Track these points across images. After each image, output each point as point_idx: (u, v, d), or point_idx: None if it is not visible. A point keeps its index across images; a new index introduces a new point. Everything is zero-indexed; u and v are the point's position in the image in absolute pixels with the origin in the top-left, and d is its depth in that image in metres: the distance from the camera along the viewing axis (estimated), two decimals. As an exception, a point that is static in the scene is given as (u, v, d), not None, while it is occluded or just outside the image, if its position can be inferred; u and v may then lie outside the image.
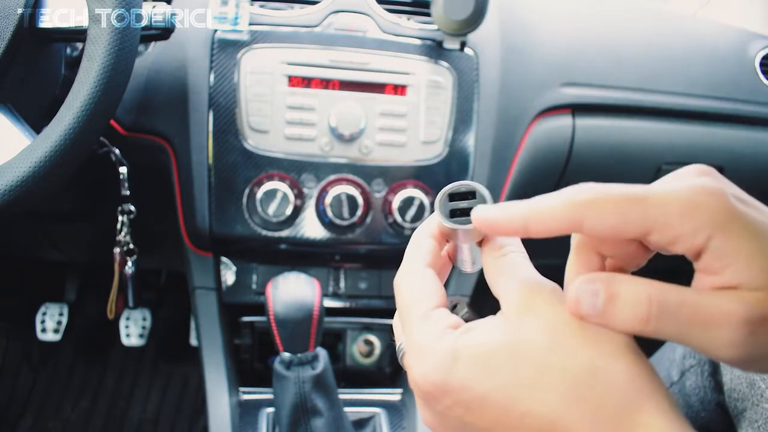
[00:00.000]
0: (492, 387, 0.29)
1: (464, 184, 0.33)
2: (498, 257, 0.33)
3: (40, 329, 1.36)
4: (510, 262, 0.33)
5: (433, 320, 0.32)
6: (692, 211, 0.27)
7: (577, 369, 0.28)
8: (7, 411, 1.31)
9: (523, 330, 0.29)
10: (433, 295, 0.33)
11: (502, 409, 0.29)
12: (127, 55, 0.58)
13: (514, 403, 0.28)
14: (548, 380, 0.28)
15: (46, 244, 1.14)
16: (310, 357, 0.73)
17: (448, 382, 0.30)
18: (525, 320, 0.30)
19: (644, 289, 0.27)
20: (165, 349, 1.41)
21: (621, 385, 0.28)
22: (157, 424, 1.33)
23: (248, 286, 0.87)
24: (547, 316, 0.30)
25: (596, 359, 0.28)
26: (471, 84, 0.82)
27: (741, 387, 0.63)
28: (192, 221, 0.81)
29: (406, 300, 0.33)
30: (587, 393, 0.28)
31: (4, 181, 0.54)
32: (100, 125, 0.58)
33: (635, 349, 0.29)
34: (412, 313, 0.33)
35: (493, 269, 0.33)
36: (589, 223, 0.28)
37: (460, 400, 0.30)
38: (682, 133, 0.92)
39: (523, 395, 0.28)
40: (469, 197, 0.33)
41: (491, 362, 0.29)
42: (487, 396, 0.29)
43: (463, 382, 0.29)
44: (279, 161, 0.79)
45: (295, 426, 0.72)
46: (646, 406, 0.27)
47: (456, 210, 0.33)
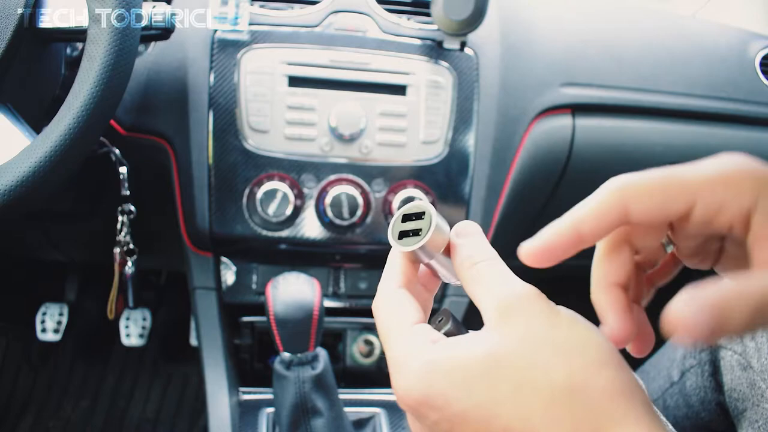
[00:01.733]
0: (472, 403, 0.28)
1: (414, 205, 0.34)
2: (468, 269, 0.33)
3: (40, 329, 1.36)
4: (481, 273, 0.32)
5: (411, 335, 0.32)
6: (733, 177, 0.28)
7: (554, 384, 0.27)
8: (7, 411, 1.31)
9: (502, 343, 0.29)
10: (409, 312, 0.33)
11: (485, 424, 0.28)
12: (127, 55, 0.58)
13: (494, 419, 0.28)
14: (526, 396, 0.28)
15: (46, 244, 1.14)
16: (310, 357, 0.73)
17: (429, 397, 0.29)
18: (503, 333, 0.29)
19: None
20: (165, 349, 1.41)
21: (599, 401, 0.27)
22: (157, 424, 1.33)
23: (248, 286, 0.87)
24: (524, 327, 0.29)
25: (573, 374, 0.27)
26: (471, 84, 0.82)
27: (741, 387, 0.63)
28: (192, 221, 0.81)
29: (384, 321, 0.33)
30: (565, 409, 0.27)
31: (4, 181, 0.54)
32: (100, 125, 0.58)
33: (616, 360, 0.28)
34: (390, 332, 0.32)
35: (467, 282, 0.33)
36: (635, 207, 0.29)
37: (444, 415, 0.29)
38: (682, 133, 0.92)
39: (503, 411, 0.28)
40: (415, 218, 0.34)
41: (470, 377, 0.29)
42: (468, 412, 0.28)
43: (444, 398, 0.29)
44: (279, 161, 0.79)
45: (295, 426, 0.72)
46: (625, 421, 0.27)
47: (407, 231, 0.34)
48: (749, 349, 0.62)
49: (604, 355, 0.28)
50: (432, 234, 0.33)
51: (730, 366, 0.65)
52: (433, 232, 0.33)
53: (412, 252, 0.34)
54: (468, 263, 0.33)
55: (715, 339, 0.26)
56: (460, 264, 0.33)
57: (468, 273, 0.33)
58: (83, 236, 1.13)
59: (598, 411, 0.27)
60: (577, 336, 0.29)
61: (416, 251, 0.33)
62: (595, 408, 0.27)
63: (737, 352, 0.64)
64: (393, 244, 0.34)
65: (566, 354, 0.28)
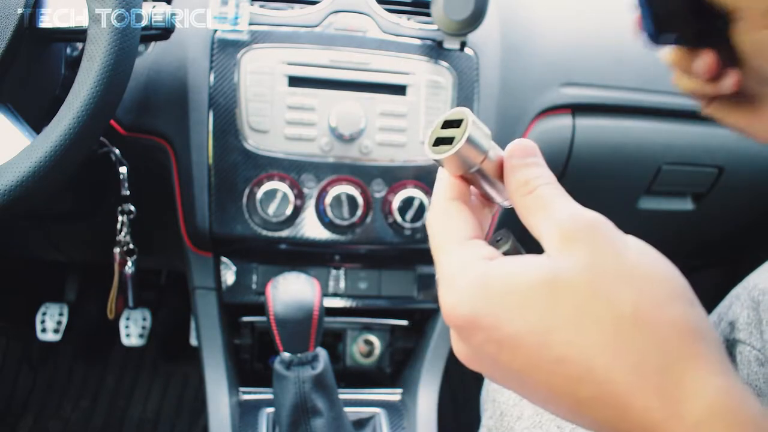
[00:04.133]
0: (525, 327, 0.26)
1: (454, 111, 0.31)
2: (525, 195, 0.30)
3: (40, 329, 1.36)
4: (539, 198, 0.29)
5: (465, 249, 0.29)
6: None
7: (619, 315, 0.25)
8: (7, 411, 1.31)
9: (564, 268, 0.26)
10: (463, 225, 0.30)
11: (536, 352, 0.26)
12: (127, 55, 0.58)
13: (549, 346, 0.26)
14: (587, 326, 0.25)
15: (46, 244, 1.14)
16: (310, 357, 0.73)
17: (478, 316, 0.27)
18: (566, 257, 0.27)
19: None
20: (165, 349, 1.41)
21: (667, 337, 0.25)
22: (157, 424, 1.33)
23: (248, 286, 0.87)
24: (589, 254, 0.26)
25: (642, 304, 0.25)
26: (471, 84, 0.82)
27: (758, 383, 0.63)
28: (192, 221, 0.81)
29: (436, 235, 0.31)
30: (629, 342, 0.25)
31: (4, 181, 0.54)
32: (100, 125, 0.58)
33: (689, 296, 0.26)
34: (443, 244, 0.30)
35: (523, 210, 0.30)
36: None
37: (492, 337, 0.27)
38: (682, 133, 0.92)
39: (560, 339, 0.26)
40: (456, 125, 0.30)
41: (526, 299, 0.26)
42: (520, 336, 0.26)
43: (495, 319, 0.27)
44: (279, 161, 0.79)
45: (295, 426, 0.72)
46: (695, 363, 0.24)
47: (442, 139, 0.31)
48: None
49: (677, 288, 0.26)
50: (464, 143, 0.30)
51: (748, 361, 0.65)
52: (466, 142, 0.30)
53: (455, 165, 0.31)
54: (524, 189, 0.30)
55: None
56: (515, 189, 0.30)
57: (524, 200, 0.30)
58: (83, 236, 1.13)
59: (667, 347, 0.25)
60: (648, 266, 0.27)
61: (446, 160, 0.30)
62: (663, 343, 0.25)
63: (755, 347, 0.64)
64: (426, 151, 0.31)
65: (634, 284, 0.26)
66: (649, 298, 0.25)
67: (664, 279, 0.26)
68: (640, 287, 0.26)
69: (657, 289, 0.26)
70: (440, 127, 0.31)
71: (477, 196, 0.34)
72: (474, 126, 0.30)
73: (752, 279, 0.70)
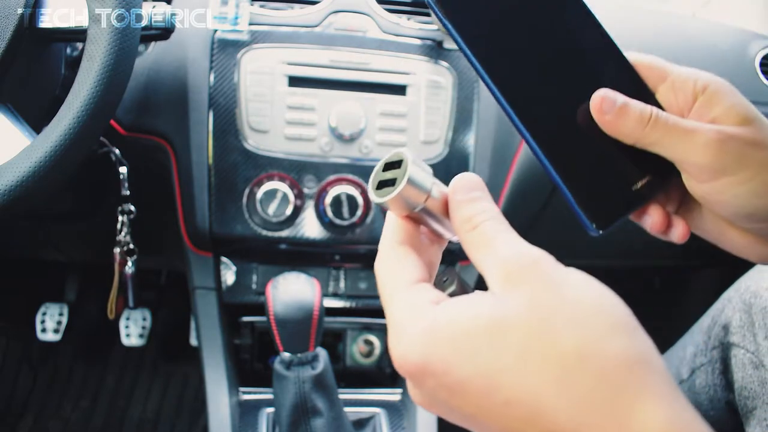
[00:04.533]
0: (473, 371, 0.26)
1: (395, 152, 0.31)
2: (469, 231, 0.30)
3: (40, 329, 1.36)
4: (483, 235, 0.30)
5: (411, 295, 0.29)
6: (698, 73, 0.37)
7: (563, 353, 0.25)
8: (7, 411, 1.31)
9: (507, 309, 0.27)
10: (410, 270, 0.31)
11: (486, 395, 0.26)
12: (127, 55, 0.58)
13: (497, 389, 0.26)
14: (533, 366, 0.25)
15: (46, 244, 1.14)
16: (310, 357, 0.73)
17: (428, 363, 0.27)
18: (509, 298, 0.27)
19: (648, 105, 0.36)
20: (165, 349, 1.41)
21: (611, 370, 0.25)
22: (157, 424, 1.33)
23: (248, 286, 0.87)
24: (531, 293, 0.27)
25: (584, 340, 0.25)
26: (471, 84, 0.82)
27: (752, 386, 0.63)
28: (192, 221, 0.81)
29: (382, 281, 0.31)
30: (574, 379, 0.25)
31: (4, 181, 0.54)
32: (100, 125, 0.58)
33: (632, 327, 0.26)
34: (390, 291, 0.30)
35: (468, 246, 0.30)
36: None
37: (443, 383, 0.27)
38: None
39: (507, 381, 0.26)
40: (398, 167, 0.31)
41: (472, 343, 0.26)
42: (470, 381, 0.26)
43: (444, 365, 0.27)
44: (279, 161, 0.79)
45: (295, 426, 0.72)
46: (641, 395, 0.24)
47: (384, 181, 0.31)
48: (762, 348, 0.62)
49: (618, 319, 0.26)
50: (405, 184, 0.30)
51: (742, 364, 0.65)
52: (407, 183, 0.30)
53: (399, 206, 0.31)
54: (468, 225, 0.30)
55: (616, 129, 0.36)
56: (460, 226, 0.31)
57: (469, 236, 0.30)
58: (83, 236, 1.13)
59: (611, 381, 0.24)
60: (589, 300, 0.26)
61: (397, 204, 0.31)
62: (607, 377, 0.24)
63: (750, 350, 0.64)
64: (370, 194, 0.31)
65: (576, 320, 0.26)
66: (591, 332, 0.25)
67: (604, 312, 0.26)
68: (581, 323, 0.26)
69: (598, 323, 0.26)
70: (382, 169, 0.31)
71: (426, 233, 0.35)
72: (414, 166, 0.30)
73: (744, 282, 0.70)
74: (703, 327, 0.74)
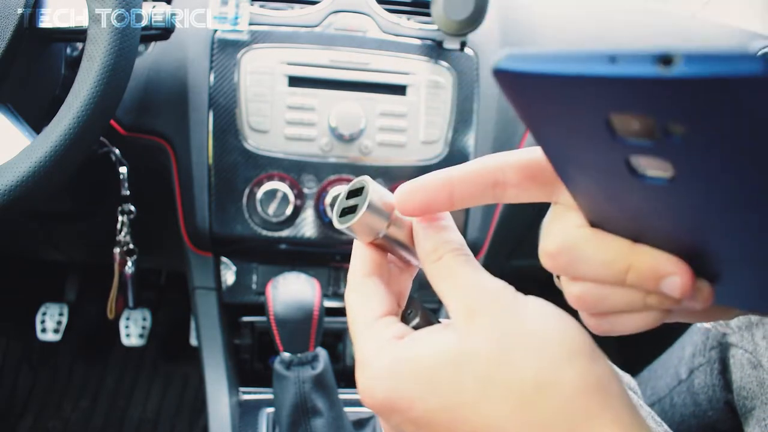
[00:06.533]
0: (437, 405, 0.27)
1: (357, 180, 0.32)
2: (433, 262, 0.30)
3: (40, 329, 1.36)
4: (447, 266, 0.30)
5: (375, 331, 0.30)
6: None
7: (523, 383, 0.25)
8: (7, 411, 1.31)
9: (469, 341, 0.27)
10: (376, 303, 0.31)
11: (450, 428, 0.27)
12: (127, 55, 0.58)
13: (461, 422, 0.26)
14: (494, 398, 0.26)
15: (46, 244, 1.14)
16: (310, 357, 0.73)
17: (392, 399, 0.28)
18: (470, 331, 0.27)
19: None
20: (165, 349, 1.41)
21: (571, 397, 0.25)
22: (157, 424, 1.33)
23: (248, 286, 0.87)
24: (491, 325, 0.27)
25: (542, 368, 0.25)
26: (471, 84, 0.82)
27: (751, 386, 0.63)
28: (192, 221, 0.81)
29: (351, 315, 0.32)
30: (534, 408, 0.25)
31: (4, 181, 0.54)
32: (100, 125, 0.58)
33: (588, 351, 0.26)
34: (356, 326, 0.31)
35: (432, 277, 0.30)
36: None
37: (408, 417, 0.28)
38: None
39: (469, 414, 0.26)
40: (361, 194, 0.31)
41: (435, 378, 0.27)
42: (434, 414, 0.27)
43: (408, 400, 0.27)
44: (279, 161, 0.79)
45: (295, 426, 0.72)
46: (602, 419, 0.25)
47: (348, 209, 0.31)
48: (760, 348, 0.63)
49: (575, 346, 0.26)
50: (365, 211, 0.30)
51: (740, 364, 0.65)
52: (367, 209, 0.30)
53: (362, 233, 0.31)
54: (433, 256, 0.30)
55: None
56: (426, 257, 0.31)
57: (431, 267, 0.30)
58: (83, 236, 1.13)
59: (571, 408, 0.25)
60: (546, 329, 0.27)
61: (353, 227, 0.31)
62: (567, 405, 0.25)
63: (748, 350, 0.64)
64: (334, 221, 0.32)
65: (534, 349, 0.26)
66: (548, 361, 0.26)
67: (562, 339, 0.26)
68: (539, 352, 0.26)
69: (555, 352, 0.26)
70: (345, 197, 0.32)
71: (395, 261, 0.35)
72: (374, 193, 0.31)
73: None
74: (702, 327, 0.74)
